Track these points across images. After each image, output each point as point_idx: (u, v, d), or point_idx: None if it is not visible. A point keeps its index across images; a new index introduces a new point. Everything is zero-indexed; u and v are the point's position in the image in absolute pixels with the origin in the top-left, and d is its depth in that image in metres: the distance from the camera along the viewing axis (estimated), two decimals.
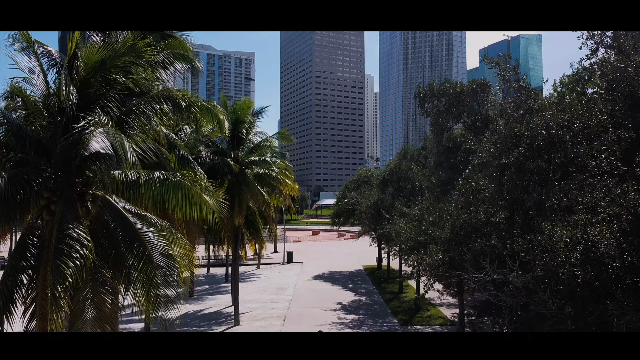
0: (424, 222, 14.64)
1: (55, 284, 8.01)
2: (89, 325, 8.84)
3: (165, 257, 9.53)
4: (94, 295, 8.93)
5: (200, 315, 24.93)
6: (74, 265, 8.23)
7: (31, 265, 9.50)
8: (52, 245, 8.67)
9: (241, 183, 21.45)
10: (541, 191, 8.02)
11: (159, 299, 9.21)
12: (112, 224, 10.37)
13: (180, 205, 11.11)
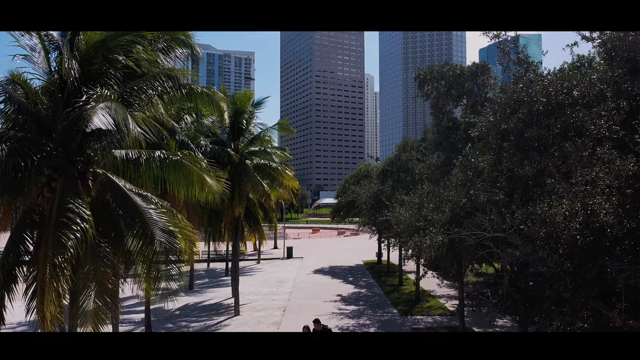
0: (424, 208, 14.64)
1: (56, 254, 8.02)
2: (92, 299, 8.86)
3: (166, 233, 9.54)
4: (95, 269, 8.95)
5: (201, 306, 24.94)
6: (74, 237, 8.25)
7: (32, 242, 9.53)
8: (52, 220, 8.70)
9: (241, 173, 21.46)
10: (540, 160, 8.03)
11: (160, 274, 9.21)
12: (112, 203, 10.39)
13: (181, 185, 11.13)
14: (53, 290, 7.86)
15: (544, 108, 8.33)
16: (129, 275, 12.29)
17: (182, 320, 22.06)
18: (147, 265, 9.31)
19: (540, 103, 8.32)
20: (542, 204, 7.02)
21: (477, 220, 8.52)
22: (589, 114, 7.65)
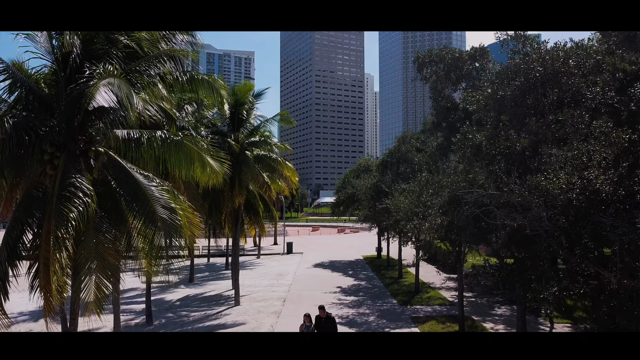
0: (423, 194, 14.74)
1: (58, 227, 8.12)
2: (94, 274, 8.95)
3: (168, 210, 9.64)
4: (97, 244, 9.04)
5: (201, 297, 25.03)
6: (77, 210, 8.34)
7: (35, 219, 9.63)
8: (55, 195, 8.79)
9: (241, 163, 21.55)
10: (537, 128, 8.10)
11: (161, 251, 9.29)
12: (114, 182, 10.49)
13: (182, 165, 11.21)
14: (56, 261, 7.94)
15: (541, 76, 8.41)
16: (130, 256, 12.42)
17: (183, 309, 22.15)
18: (148, 241, 9.40)
19: (536, 71, 8.41)
20: (539, 176, 7.10)
21: (475, 195, 8.60)
22: (584, 81, 7.74)
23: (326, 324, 13.25)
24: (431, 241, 12.05)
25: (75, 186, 8.73)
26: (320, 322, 13.36)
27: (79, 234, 9.28)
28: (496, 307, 21.72)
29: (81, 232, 9.21)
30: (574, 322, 18.82)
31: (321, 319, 13.38)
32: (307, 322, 13.21)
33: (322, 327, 13.20)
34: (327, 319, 13.35)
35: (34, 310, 22.51)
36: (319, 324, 13.34)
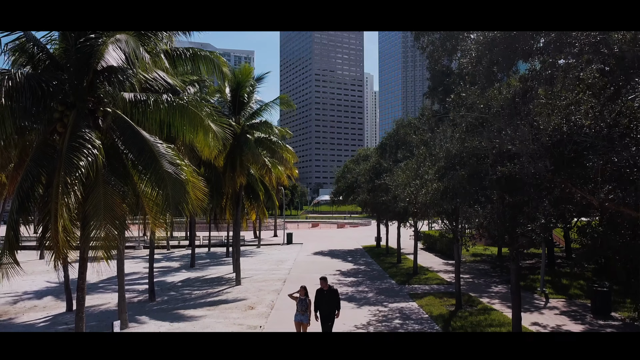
0: (421, 167, 15.08)
1: (68, 174, 8.45)
2: (102, 225, 9.30)
3: (174, 165, 10.01)
4: (105, 195, 9.39)
5: (202, 279, 25.38)
6: (86, 160, 8.70)
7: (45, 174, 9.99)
8: (64, 147, 9.14)
9: (242, 144, 21.91)
10: (528, 74, 8.49)
11: (168, 199, 9.63)
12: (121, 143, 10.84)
13: (186, 130, 11.56)
14: (64, 205, 8.27)
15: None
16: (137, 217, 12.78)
17: (185, 289, 22.49)
18: (155, 192, 9.74)
19: None
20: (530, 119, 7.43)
21: (474, 161, 8.96)
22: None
23: (329, 297, 12.18)
24: (428, 204, 12.32)
25: (84, 139, 9.10)
26: (322, 295, 12.23)
27: (87, 189, 9.65)
28: (493, 286, 22.09)
29: (90, 185, 9.59)
30: (569, 297, 19.18)
31: (323, 291, 12.28)
32: (302, 295, 12.24)
33: (324, 300, 12.12)
34: (330, 292, 12.30)
35: (38, 289, 22.91)
36: (320, 296, 12.21)
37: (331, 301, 12.25)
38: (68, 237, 9.32)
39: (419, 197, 12.74)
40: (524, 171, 7.72)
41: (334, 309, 12.32)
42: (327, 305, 12.23)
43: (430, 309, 17.00)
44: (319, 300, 12.26)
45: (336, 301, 12.34)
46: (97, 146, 9.13)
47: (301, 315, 12.22)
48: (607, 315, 16.00)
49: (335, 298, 12.33)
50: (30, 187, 9.48)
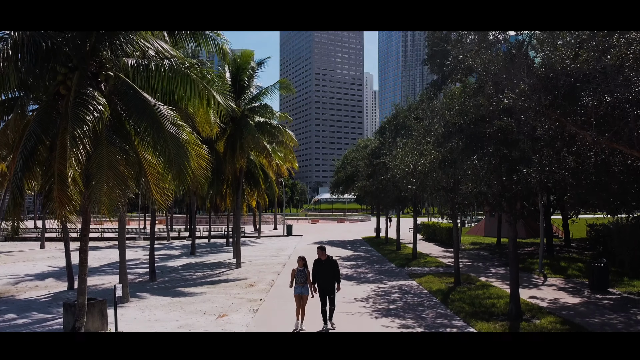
0: (420, 144, 15.21)
1: (75, 127, 8.58)
2: (105, 182, 9.42)
3: (175, 126, 10.14)
4: (108, 153, 9.52)
5: (203, 264, 25.52)
6: (91, 115, 8.83)
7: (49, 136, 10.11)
8: (70, 106, 9.27)
9: (242, 127, 22.04)
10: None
11: (170, 159, 9.76)
12: (123, 109, 10.98)
13: (188, 97, 11.67)
14: (73, 155, 8.38)
15: None
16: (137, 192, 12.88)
17: (185, 271, 22.63)
18: (157, 155, 9.86)
19: None
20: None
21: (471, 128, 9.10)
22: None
23: (327, 268, 11.38)
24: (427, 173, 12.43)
25: (88, 96, 9.24)
26: (320, 265, 11.44)
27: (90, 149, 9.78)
28: (491, 268, 22.22)
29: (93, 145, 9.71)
30: (567, 277, 19.30)
31: (320, 261, 11.47)
32: (301, 267, 11.48)
33: (322, 271, 11.36)
34: (328, 262, 11.45)
35: (39, 272, 23.04)
36: (318, 267, 11.43)
37: (330, 273, 11.37)
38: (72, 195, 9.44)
39: (418, 167, 12.86)
40: (520, 126, 7.86)
41: (333, 281, 11.39)
42: (325, 277, 11.32)
43: (429, 285, 17.13)
44: (316, 272, 11.43)
45: (336, 273, 11.43)
46: (102, 103, 9.25)
47: (301, 287, 11.34)
48: (605, 290, 16.13)
49: (334, 269, 11.43)
50: (34, 147, 9.60)
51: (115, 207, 9.94)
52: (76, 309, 10.74)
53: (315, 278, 11.41)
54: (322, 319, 11.40)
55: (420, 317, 12.74)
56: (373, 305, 14.17)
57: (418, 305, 14.11)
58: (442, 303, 14.38)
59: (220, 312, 13.45)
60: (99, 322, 11.30)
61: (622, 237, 20.62)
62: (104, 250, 33.25)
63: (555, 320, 11.91)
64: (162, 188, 11.98)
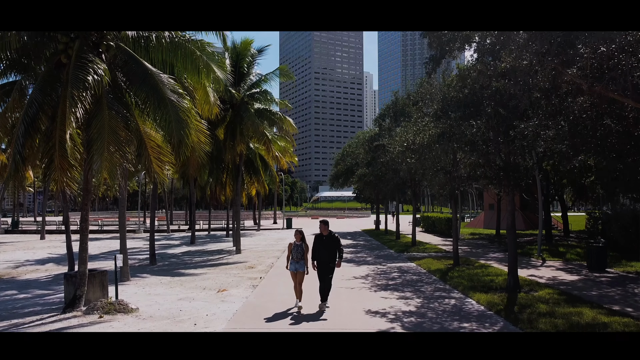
0: (419, 121, 15.28)
1: (74, 88, 8.64)
2: (106, 147, 9.49)
3: (176, 94, 10.21)
4: (110, 118, 9.59)
5: (203, 251, 25.57)
6: (92, 78, 8.90)
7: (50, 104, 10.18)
8: (70, 70, 9.33)
9: (242, 113, 22.11)
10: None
11: (171, 125, 9.83)
12: (123, 79, 11.04)
13: (188, 70, 11.76)
14: (72, 114, 8.43)
15: None
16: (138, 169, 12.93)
17: (185, 257, 22.69)
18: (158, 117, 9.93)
19: None
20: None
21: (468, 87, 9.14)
22: None
23: (329, 243, 10.47)
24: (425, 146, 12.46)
25: (89, 60, 9.31)
26: (321, 241, 10.55)
27: (91, 115, 9.85)
28: (490, 254, 22.30)
29: (94, 112, 9.79)
30: (565, 260, 19.38)
31: (322, 236, 10.57)
32: (298, 241, 10.71)
33: (323, 247, 10.42)
34: (330, 237, 10.55)
35: (39, 258, 23.10)
36: (319, 242, 10.53)
37: (332, 249, 10.45)
38: (72, 161, 9.52)
39: (417, 140, 12.94)
40: (517, 82, 7.93)
41: (334, 258, 10.49)
42: (326, 252, 10.40)
43: (428, 266, 17.21)
44: (317, 247, 10.50)
45: (337, 249, 10.53)
46: (102, 68, 9.32)
47: (296, 263, 10.54)
48: (603, 270, 16.21)
49: (336, 245, 10.53)
50: (35, 114, 9.67)
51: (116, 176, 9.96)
52: (77, 278, 10.82)
53: (316, 254, 10.46)
54: (320, 298, 10.57)
55: (419, 290, 12.81)
56: (372, 282, 14.24)
57: (417, 282, 14.18)
58: (440, 280, 14.46)
59: (220, 288, 13.52)
60: (99, 293, 11.37)
61: (620, 223, 20.69)
62: (103, 241, 33.30)
63: (553, 292, 11.98)
64: (163, 162, 12.06)
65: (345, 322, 9.25)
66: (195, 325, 9.28)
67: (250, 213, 73.28)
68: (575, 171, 18.30)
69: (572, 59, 6.01)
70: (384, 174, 24.12)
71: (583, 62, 5.92)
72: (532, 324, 8.89)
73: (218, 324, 9.27)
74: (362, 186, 34.88)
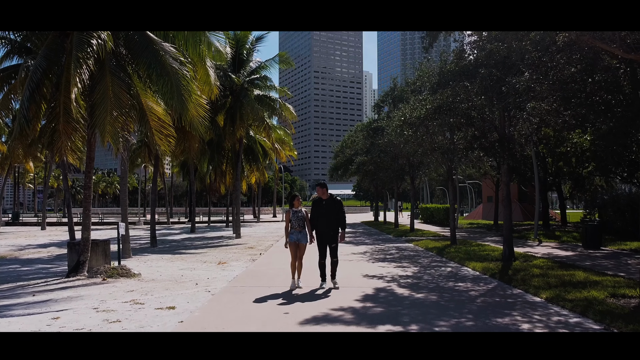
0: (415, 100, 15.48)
1: (79, 50, 8.86)
2: (109, 111, 9.70)
3: (177, 62, 10.43)
4: (112, 84, 9.81)
5: (203, 238, 25.79)
6: (96, 40, 9.12)
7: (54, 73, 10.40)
8: (74, 37, 9.54)
9: (242, 98, 22.33)
10: None
11: (172, 90, 10.04)
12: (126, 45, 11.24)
13: (189, 44, 11.97)
14: (77, 75, 8.64)
15: None
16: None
17: (186, 241, 22.91)
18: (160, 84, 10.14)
19: None
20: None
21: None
22: None
23: (329, 209, 8.73)
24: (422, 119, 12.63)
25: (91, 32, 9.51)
26: (320, 206, 8.81)
27: (94, 81, 10.07)
28: (487, 237, 22.54)
29: (97, 78, 10.01)
30: (561, 242, 19.61)
31: (321, 202, 8.82)
32: (296, 207, 8.87)
33: (322, 213, 8.73)
34: (331, 202, 8.79)
35: (42, 243, 23.32)
36: (318, 208, 8.81)
37: (333, 215, 8.74)
38: (76, 125, 9.73)
39: (414, 113, 13.16)
40: (511, 49, 8.17)
41: (337, 226, 8.81)
42: (326, 220, 8.73)
43: (425, 245, 17.46)
44: (316, 214, 8.82)
45: (340, 216, 8.81)
46: (105, 33, 9.54)
47: (298, 232, 8.77)
48: (597, 248, 16.42)
49: (338, 211, 8.79)
50: (40, 79, 9.87)
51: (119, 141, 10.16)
52: (80, 245, 11.03)
53: (314, 222, 8.83)
54: (319, 275, 9.01)
55: (416, 262, 13.04)
56: (370, 257, 14.48)
57: (414, 257, 14.41)
58: (437, 255, 14.69)
59: (220, 261, 13.74)
60: (102, 261, 11.58)
61: (616, 207, 20.92)
62: (104, 230, 33.50)
63: (547, 261, 12.22)
64: (164, 134, 12.28)
65: (344, 283, 9.46)
66: (196, 284, 9.51)
67: (250, 209, 73.59)
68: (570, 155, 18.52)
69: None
70: (383, 160, 24.32)
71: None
72: (525, 283, 9.11)
73: (219, 284, 9.48)
74: (361, 177, 35.10)
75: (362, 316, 6.70)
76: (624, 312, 6.52)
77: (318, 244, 8.90)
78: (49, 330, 5.98)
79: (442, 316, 6.69)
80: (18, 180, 54.66)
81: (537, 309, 7.13)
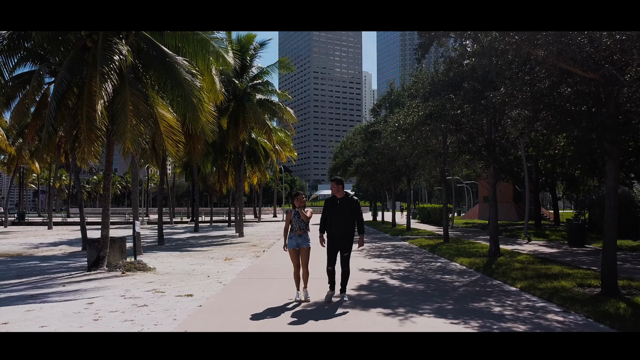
0: (409, 106, 16.45)
1: (103, 65, 9.84)
2: (129, 120, 10.68)
3: (190, 74, 11.42)
4: (132, 94, 10.79)
5: (206, 236, 26.75)
6: (118, 56, 10.11)
7: (77, 83, 11.38)
8: (98, 52, 10.53)
9: (245, 102, 23.30)
10: None
11: (186, 99, 11.02)
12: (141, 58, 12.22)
13: (199, 55, 12.95)
14: (103, 89, 9.63)
15: None
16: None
17: (191, 240, 23.88)
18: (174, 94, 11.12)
19: None
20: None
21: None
22: None
23: (345, 209, 7.60)
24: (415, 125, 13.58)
25: (114, 42, 10.52)
26: (334, 205, 7.71)
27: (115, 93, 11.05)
28: (480, 237, 23.52)
29: (117, 90, 10.99)
30: (550, 240, 20.59)
31: (335, 200, 7.73)
32: (298, 206, 7.98)
33: (336, 213, 7.64)
34: (346, 201, 7.65)
35: (53, 241, 24.29)
36: (332, 208, 7.73)
37: (349, 218, 7.61)
38: (98, 133, 10.71)
39: (407, 119, 14.15)
40: (491, 64, 9.14)
41: (352, 230, 7.71)
42: (340, 222, 7.62)
43: (419, 243, 18.44)
44: (328, 214, 7.76)
45: (358, 218, 7.73)
46: (125, 49, 10.53)
47: (298, 237, 7.81)
48: (582, 245, 17.40)
49: (355, 211, 7.67)
50: (65, 91, 10.87)
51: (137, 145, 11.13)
52: (99, 242, 12.01)
53: (327, 223, 7.82)
54: (327, 282, 7.89)
55: (409, 258, 14.03)
56: (366, 253, 15.46)
57: (407, 253, 15.40)
58: (429, 252, 15.68)
59: (227, 257, 14.71)
60: (119, 256, 12.57)
61: (603, 206, 21.88)
62: (111, 230, 34.45)
63: (530, 257, 13.20)
64: (174, 140, 13.26)
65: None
66: (208, 277, 10.49)
67: (250, 209, 74.57)
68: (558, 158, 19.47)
69: (532, 36, 7.15)
70: (380, 162, 25.29)
71: (541, 39, 7.08)
72: (505, 275, 10.10)
73: (229, 277, 10.47)
74: (359, 178, 36.05)
75: (357, 301, 7.71)
76: (584, 298, 7.50)
77: (328, 249, 7.75)
78: (86, 312, 6.96)
79: (427, 302, 7.68)
80: (23, 180, 55.59)
81: (511, 296, 8.13)
